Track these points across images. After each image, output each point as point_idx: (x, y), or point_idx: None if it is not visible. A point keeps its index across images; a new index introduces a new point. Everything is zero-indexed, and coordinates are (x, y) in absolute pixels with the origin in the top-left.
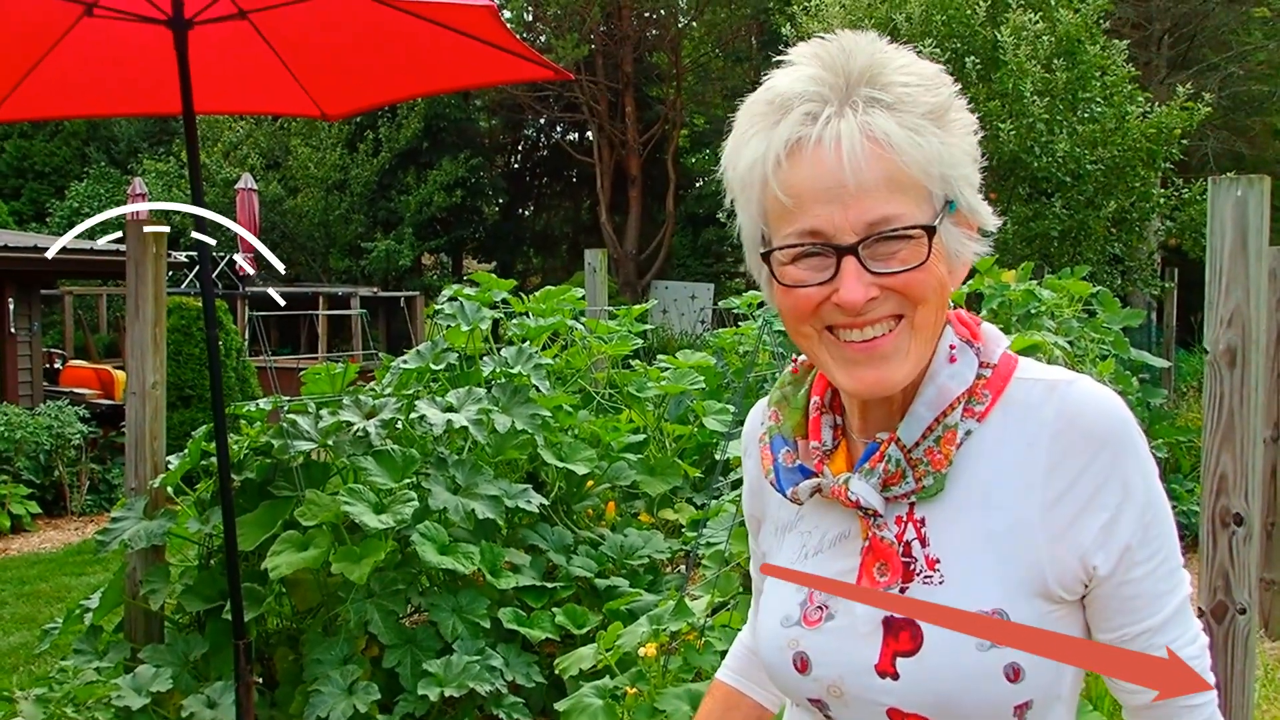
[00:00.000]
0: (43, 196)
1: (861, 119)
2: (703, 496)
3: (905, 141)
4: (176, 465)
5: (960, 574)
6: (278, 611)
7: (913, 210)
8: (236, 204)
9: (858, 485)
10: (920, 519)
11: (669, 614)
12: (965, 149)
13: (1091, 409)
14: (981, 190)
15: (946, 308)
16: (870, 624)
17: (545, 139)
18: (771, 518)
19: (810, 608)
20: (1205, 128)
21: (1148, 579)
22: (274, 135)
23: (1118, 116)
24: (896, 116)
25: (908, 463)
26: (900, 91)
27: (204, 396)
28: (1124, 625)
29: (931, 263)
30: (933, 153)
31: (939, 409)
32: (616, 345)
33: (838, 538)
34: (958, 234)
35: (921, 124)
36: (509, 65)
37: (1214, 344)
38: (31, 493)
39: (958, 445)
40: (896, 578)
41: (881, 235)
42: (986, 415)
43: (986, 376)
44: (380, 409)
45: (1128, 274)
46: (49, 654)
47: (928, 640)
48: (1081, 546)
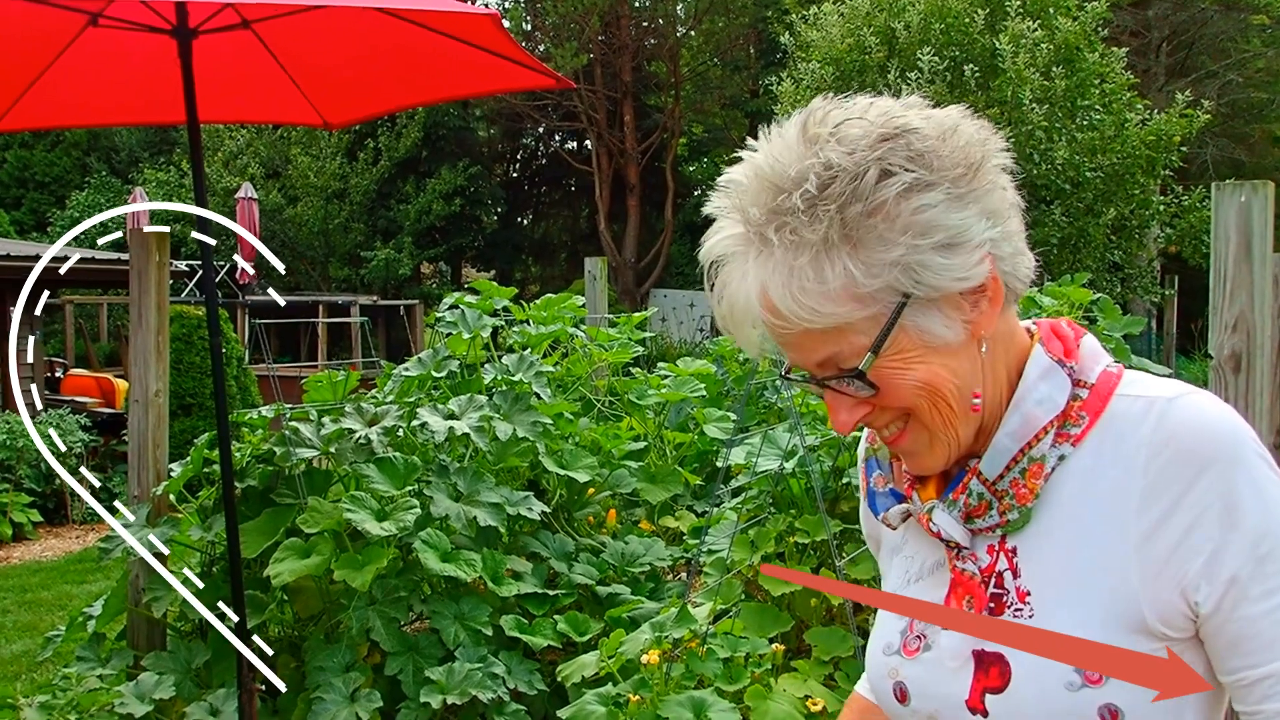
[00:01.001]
0: (44, 206)
1: (760, 285)
2: (704, 504)
3: (796, 308)
4: (179, 473)
5: (1050, 608)
6: (280, 619)
7: (853, 340)
8: (237, 213)
9: (940, 517)
10: (1012, 549)
11: (671, 621)
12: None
13: (1192, 426)
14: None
15: (951, 395)
16: (959, 658)
17: (544, 148)
18: (884, 539)
19: (910, 636)
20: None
21: (1266, 617)
22: (274, 144)
23: (1117, 124)
24: (790, 272)
25: (992, 494)
26: (789, 239)
27: (205, 405)
28: (1241, 669)
29: (890, 383)
30: (840, 287)
31: (1024, 439)
32: (617, 353)
33: (934, 566)
34: (936, 315)
35: (817, 271)
36: (511, 73)
37: (1219, 349)
38: (33, 501)
39: (1047, 476)
40: (984, 609)
41: (838, 374)
42: (1082, 439)
43: (1083, 397)
44: (382, 416)
45: (1127, 281)
46: (51, 662)
47: (1015, 676)
48: (1183, 580)
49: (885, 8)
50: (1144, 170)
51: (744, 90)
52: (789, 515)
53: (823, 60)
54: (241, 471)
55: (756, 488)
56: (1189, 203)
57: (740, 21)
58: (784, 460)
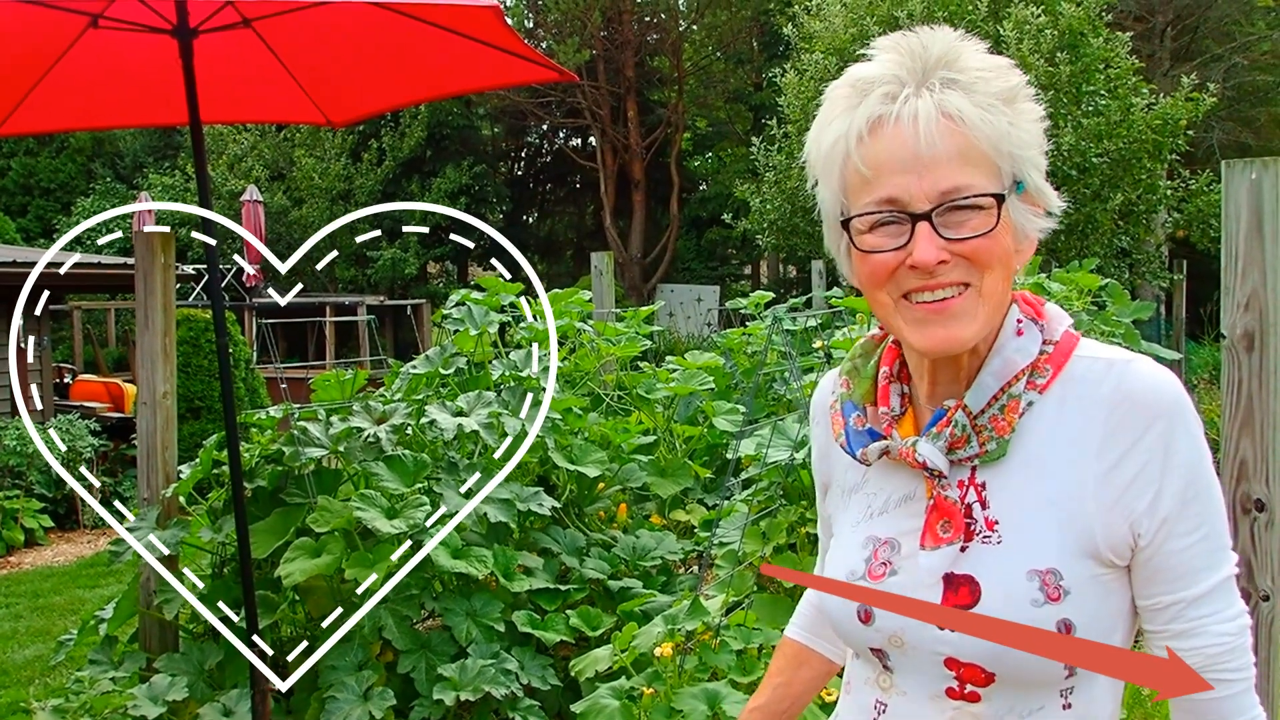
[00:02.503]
0: (49, 213)
1: (938, 97)
2: (714, 497)
3: (977, 118)
4: (188, 474)
5: (1017, 534)
6: (291, 620)
7: (983, 182)
8: (242, 216)
9: (925, 447)
10: (981, 483)
11: (684, 614)
12: (1034, 134)
13: (1147, 386)
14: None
15: (1012, 280)
16: (932, 577)
17: (548, 145)
18: (838, 481)
19: (875, 564)
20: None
21: (1184, 553)
22: (278, 147)
23: (1123, 109)
24: (970, 96)
25: (973, 428)
26: (975, 75)
27: (213, 408)
28: (1156, 594)
29: (999, 231)
30: (1002, 130)
31: (1004, 379)
32: (625, 347)
33: (903, 499)
34: (1025, 211)
35: (993, 104)
36: (514, 67)
37: (1231, 328)
38: (44, 506)
39: (1020, 414)
40: (958, 535)
41: (953, 203)
42: (1047, 388)
43: (1049, 352)
44: (391, 414)
45: (1135, 267)
46: (64, 665)
47: (985, 595)
48: (1131, 515)
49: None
50: (1150, 155)
51: (747, 83)
52: (800, 506)
53: (826, 51)
54: (250, 472)
55: (767, 479)
56: (1196, 187)
57: (742, 14)
58: (794, 450)
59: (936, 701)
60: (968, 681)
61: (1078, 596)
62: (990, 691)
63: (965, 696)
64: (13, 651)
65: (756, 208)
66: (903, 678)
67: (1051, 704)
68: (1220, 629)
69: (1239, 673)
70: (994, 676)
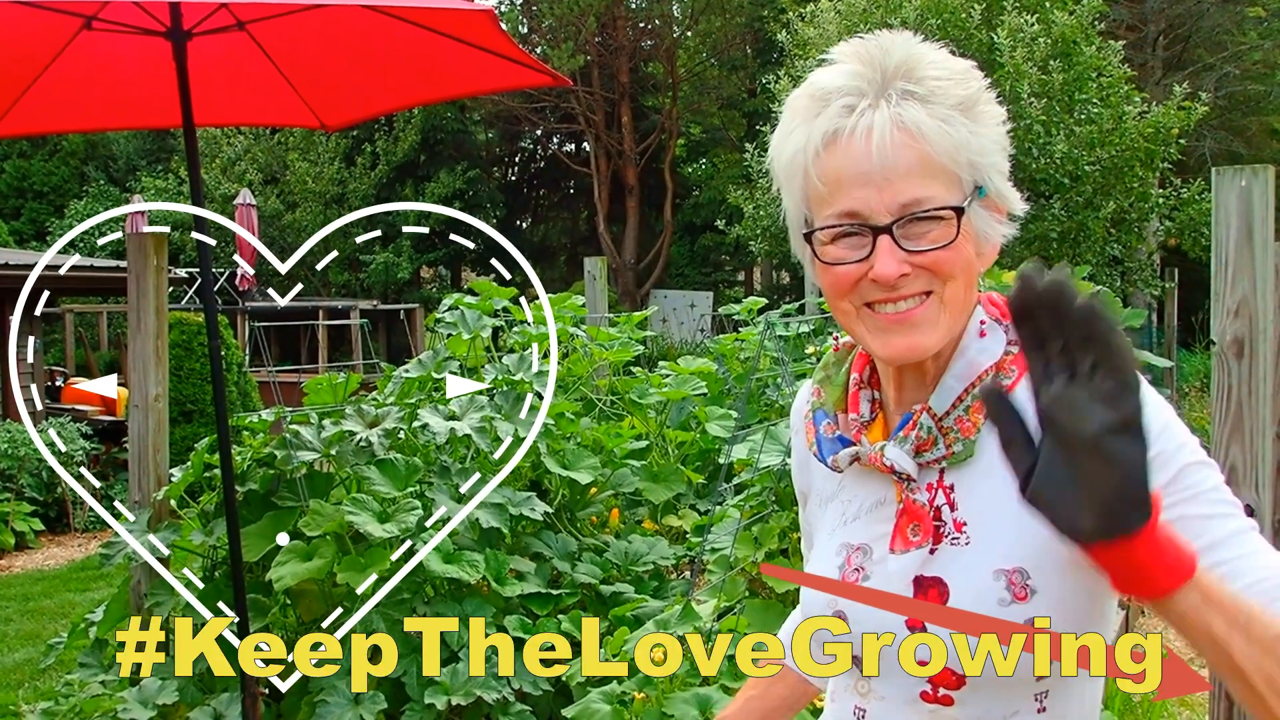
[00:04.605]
0: (42, 216)
1: (894, 110)
2: (706, 503)
3: (934, 131)
4: (180, 477)
5: (984, 535)
6: (283, 623)
7: (943, 193)
8: (236, 219)
9: (892, 451)
10: (949, 485)
11: (676, 618)
12: (994, 138)
13: None
14: (1010, 178)
15: (975, 286)
16: (902, 581)
17: (542, 150)
18: (816, 492)
19: (849, 570)
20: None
21: (1184, 520)
22: (272, 150)
23: (1115, 117)
24: (927, 108)
25: (939, 430)
26: (932, 85)
27: (205, 412)
28: None
29: (960, 242)
30: (961, 141)
31: (968, 380)
32: (618, 352)
33: (874, 505)
34: (987, 217)
35: (951, 114)
36: (508, 72)
37: (1221, 335)
38: (35, 510)
39: (985, 415)
40: (927, 537)
41: (914, 216)
42: (1013, 389)
43: (1014, 353)
44: (383, 418)
45: (1127, 275)
46: (54, 669)
47: (953, 596)
48: None
49: (882, 4)
50: (1142, 163)
51: (741, 90)
52: (792, 512)
53: (820, 58)
54: (242, 475)
55: (759, 484)
56: (1188, 195)
57: (737, 21)
58: (786, 456)
59: (913, 706)
60: (940, 685)
61: (1045, 595)
62: (962, 695)
63: (939, 700)
64: (2, 655)
65: (750, 214)
66: (880, 683)
67: (1026, 707)
68: (1259, 563)
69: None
70: (964, 679)
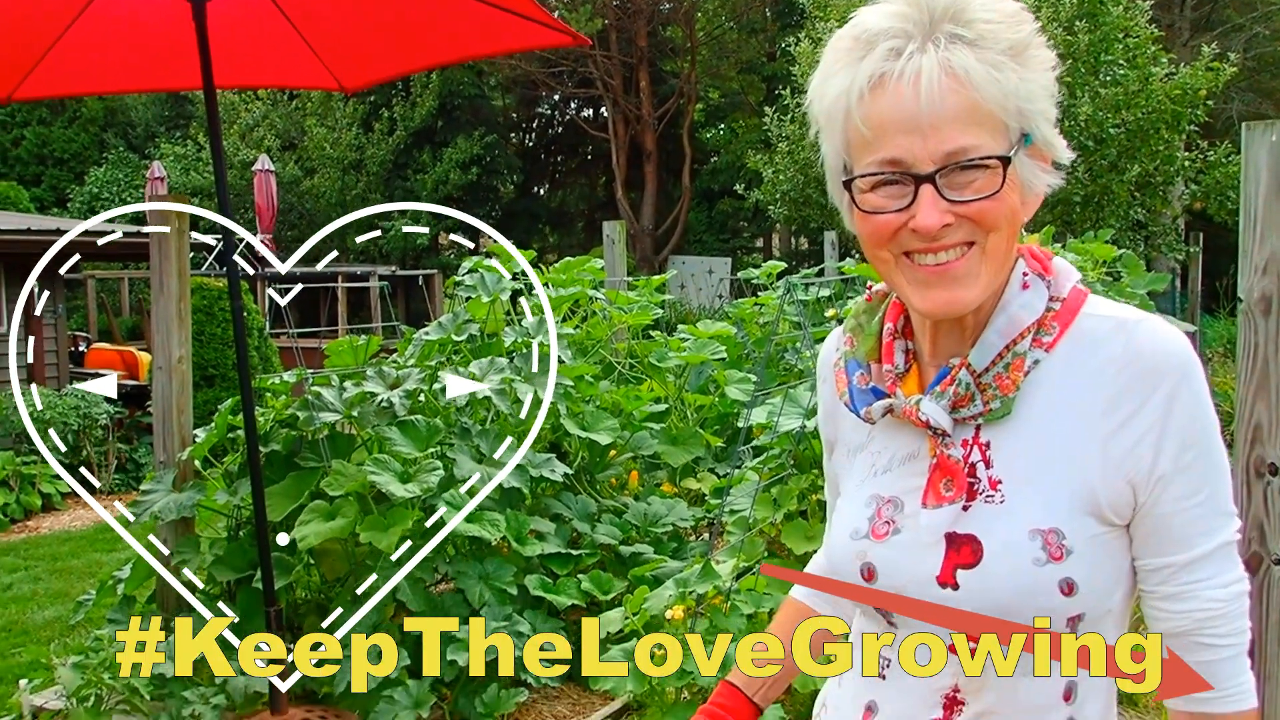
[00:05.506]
0: (63, 183)
1: (942, 55)
2: (725, 466)
3: (983, 77)
4: (204, 438)
5: (1021, 494)
6: (306, 582)
7: (989, 142)
8: (254, 186)
9: (928, 406)
10: (985, 442)
11: (695, 577)
12: (1043, 84)
13: (1157, 347)
14: (1057, 125)
15: (1017, 237)
16: (934, 536)
17: (560, 115)
18: (844, 441)
19: (878, 522)
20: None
21: (1180, 515)
22: (290, 116)
23: (1141, 79)
24: (977, 53)
25: (977, 387)
26: (982, 28)
27: (227, 376)
28: (1148, 555)
29: (1005, 192)
30: (1010, 88)
31: (1009, 337)
32: (637, 315)
33: (906, 457)
34: (1032, 166)
35: (1001, 60)
36: (526, 31)
37: (1248, 292)
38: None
39: (1026, 373)
40: (961, 494)
41: (958, 165)
42: (1054, 346)
43: (1055, 309)
44: (404, 380)
45: (1151, 239)
46: (83, 626)
47: (987, 554)
48: (1133, 476)
49: None
50: (1169, 126)
51: (760, 54)
52: (811, 474)
53: (841, 19)
54: (265, 436)
55: (778, 447)
56: (1215, 158)
57: None
58: (806, 419)
59: (940, 657)
60: (970, 639)
61: (1080, 556)
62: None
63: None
64: (33, 612)
65: (769, 179)
66: (905, 633)
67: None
68: (1212, 594)
69: (1228, 639)
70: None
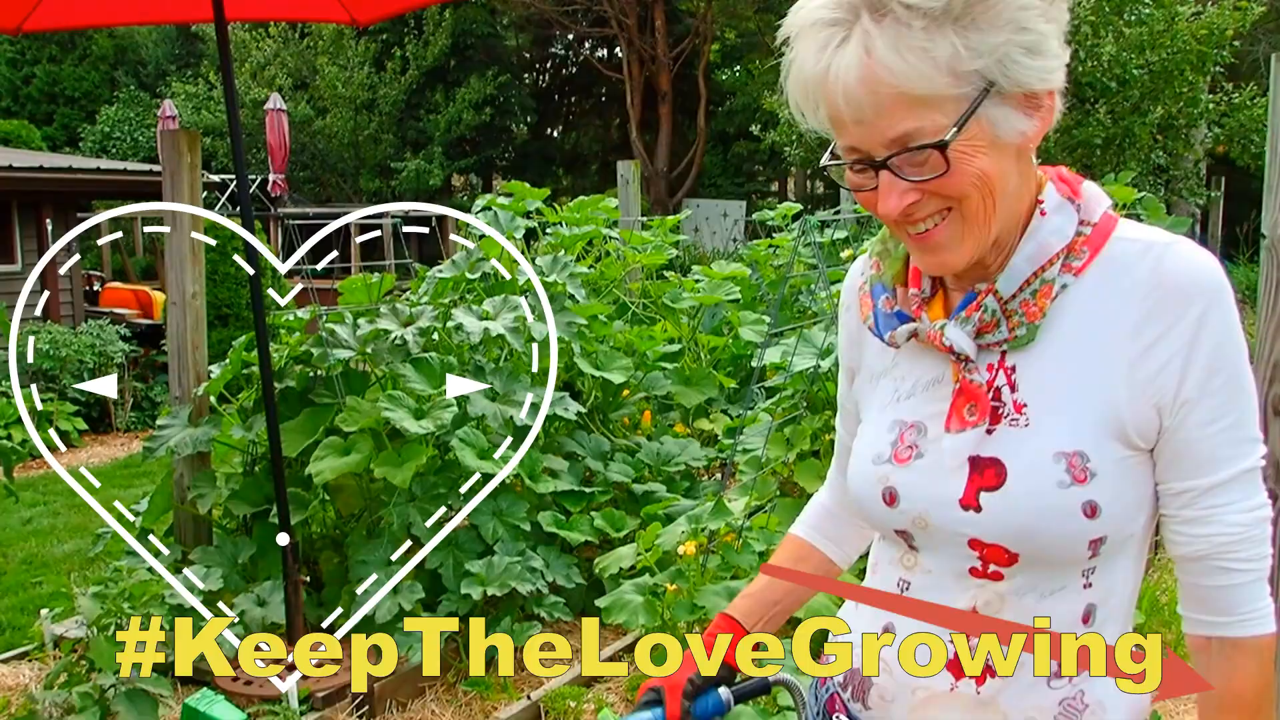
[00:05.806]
0: (74, 122)
1: (867, 44)
2: (738, 407)
3: (906, 65)
4: (218, 374)
5: (1045, 417)
6: (322, 518)
7: (935, 118)
8: (266, 125)
9: (953, 331)
10: (1011, 366)
11: (708, 514)
12: (1003, 25)
13: (1187, 269)
14: (1072, 61)
15: (1003, 191)
16: (957, 460)
17: (574, 55)
18: (867, 366)
19: (901, 447)
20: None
21: (1202, 440)
22: (301, 55)
23: (1167, 18)
24: (900, 32)
25: (1003, 313)
26: (900, 11)
27: (241, 315)
28: (1170, 479)
29: (958, 166)
30: (945, 60)
31: (1038, 263)
32: (651, 255)
33: (930, 383)
34: (1009, 112)
35: (931, 35)
36: None
37: (1273, 229)
38: (78, 410)
39: (1053, 299)
40: (984, 418)
41: (907, 149)
42: (1083, 270)
43: (1086, 234)
44: (417, 317)
45: (1172, 183)
46: (102, 558)
47: (1011, 476)
48: (1159, 400)
49: None
50: (1193, 67)
51: None
52: (824, 415)
53: None
54: (280, 372)
55: (791, 387)
56: (1239, 100)
57: None
58: (820, 358)
59: (960, 580)
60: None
61: (1104, 479)
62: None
63: (988, 575)
64: (52, 546)
65: (785, 119)
66: (927, 557)
67: (1073, 583)
68: (1233, 519)
69: (1249, 563)
70: (1017, 557)
